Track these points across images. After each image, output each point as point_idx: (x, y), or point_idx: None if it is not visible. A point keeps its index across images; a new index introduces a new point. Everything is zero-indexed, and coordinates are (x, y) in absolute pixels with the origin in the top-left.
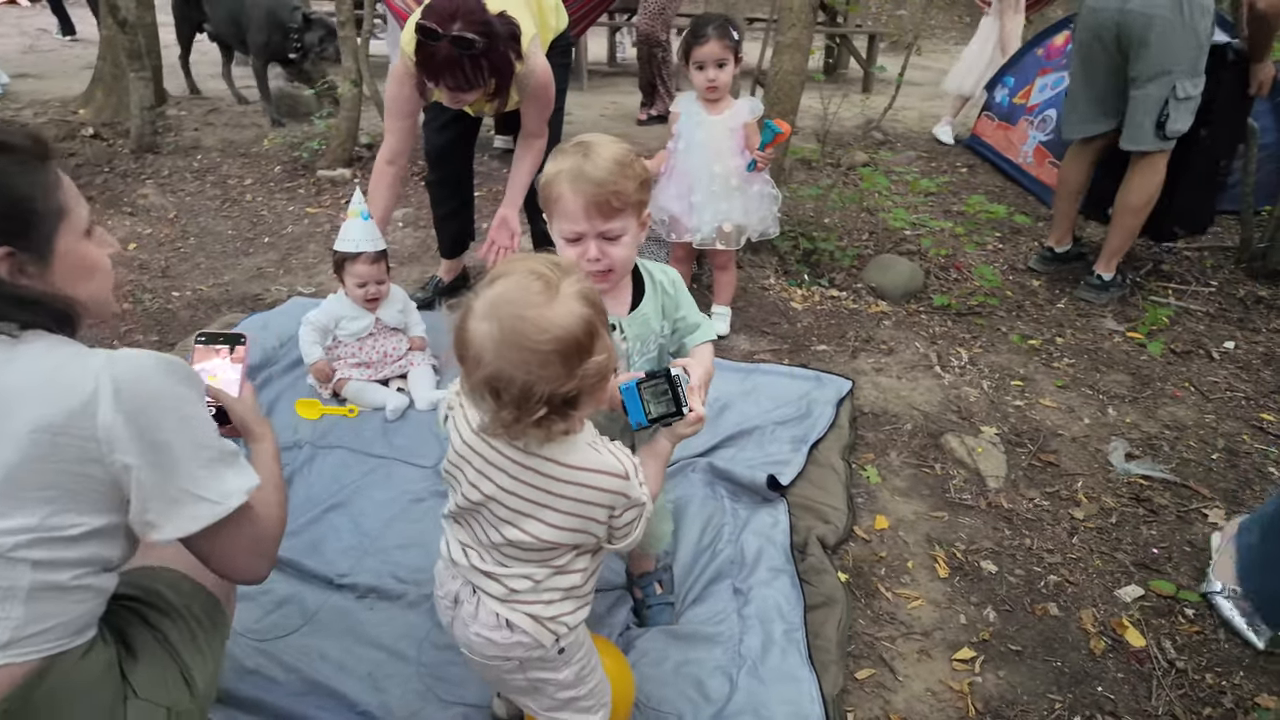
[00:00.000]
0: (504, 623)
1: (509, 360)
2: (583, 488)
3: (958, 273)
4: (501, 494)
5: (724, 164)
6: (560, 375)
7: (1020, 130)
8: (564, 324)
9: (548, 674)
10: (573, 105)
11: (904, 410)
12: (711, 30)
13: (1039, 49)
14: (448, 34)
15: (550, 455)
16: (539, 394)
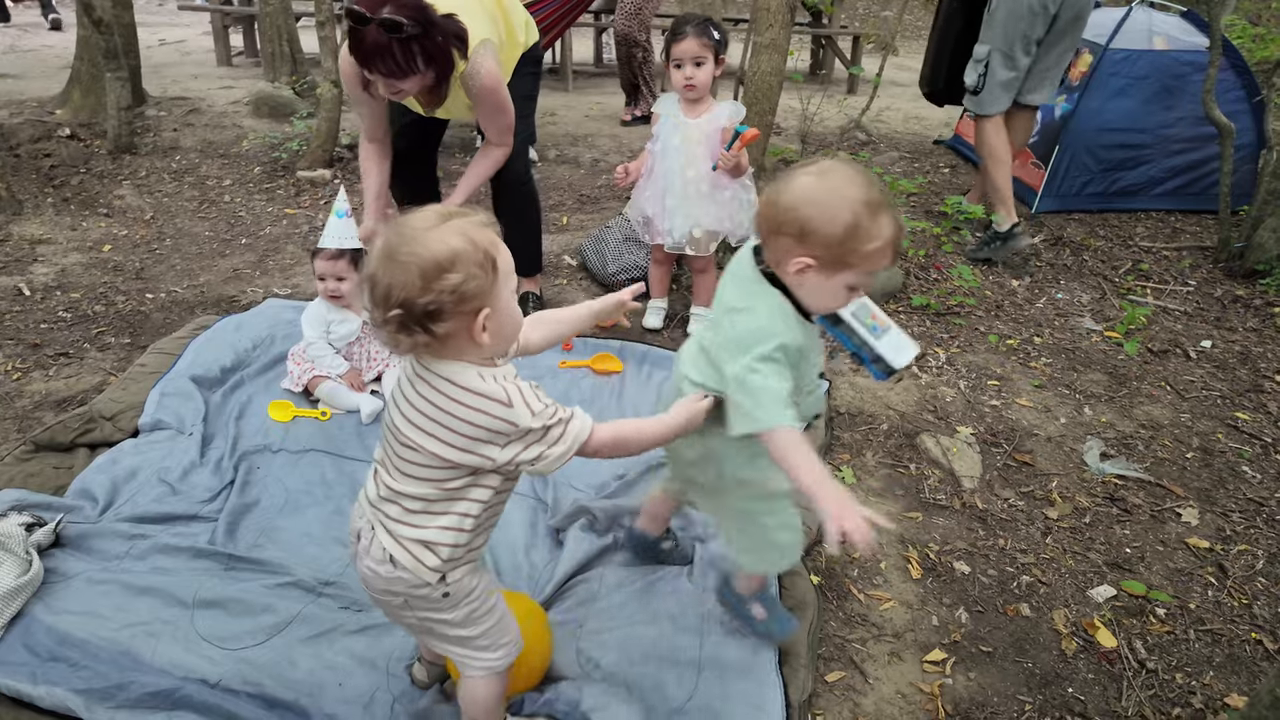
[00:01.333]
0: (388, 558)
1: (382, 266)
2: (468, 409)
3: (937, 273)
4: (405, 404)
5: (696, 168)
6: (415, 285)
7: None
8: (431, 247)
9: (435, 614)
10: (557, 105)
11: (880, 410)
12: (690, 28)
13: None
14: (376, 17)
15: (443, 374)
16: (395, 298)
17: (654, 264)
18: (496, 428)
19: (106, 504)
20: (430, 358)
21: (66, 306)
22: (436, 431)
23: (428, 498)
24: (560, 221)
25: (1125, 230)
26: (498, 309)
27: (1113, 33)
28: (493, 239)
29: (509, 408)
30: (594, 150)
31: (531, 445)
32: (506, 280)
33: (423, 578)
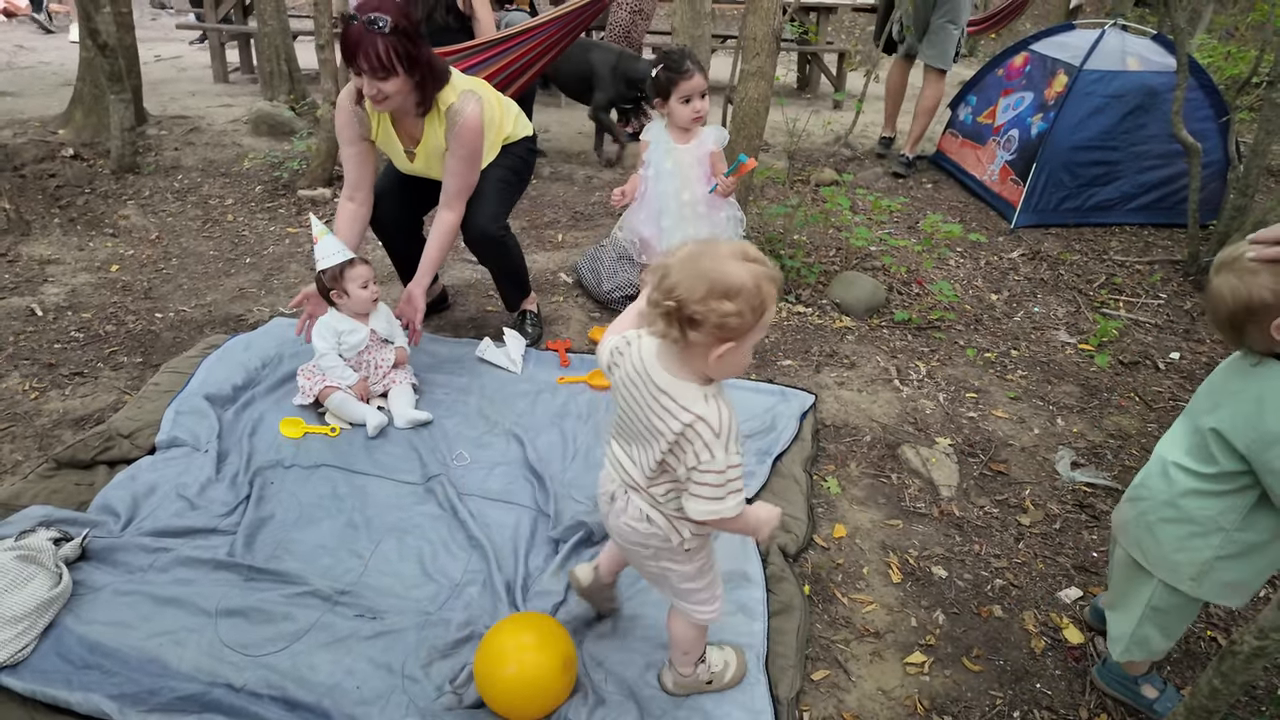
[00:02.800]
0: (645, 517)
1: (681, 265)
2: (676, 420)
3: (919, 288)
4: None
5: (691, 191)
6: (697, 294)
7: (989, 150)
8: (726, 273)
9: (674, 564)
10: (550, 122)
11: (864, 423)
12: (692, 65)
13: (999, 70)
14: (362, 18)
15: (669, 390)
16: (676, 294)
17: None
18: (694, 442)
19: (128, 519)
20: (662, 368)
21: (78, 326)
22: (657, 444)
23: (664, 495)
24: (555, 239)
25: (1100, 244)
26: (741, 349)
27: (1086, 54)
28: (772, 294)
29: (715, 436)
30: (587, 167)
31: (711, 486)
32: (760, 330)
33: (672, 538)
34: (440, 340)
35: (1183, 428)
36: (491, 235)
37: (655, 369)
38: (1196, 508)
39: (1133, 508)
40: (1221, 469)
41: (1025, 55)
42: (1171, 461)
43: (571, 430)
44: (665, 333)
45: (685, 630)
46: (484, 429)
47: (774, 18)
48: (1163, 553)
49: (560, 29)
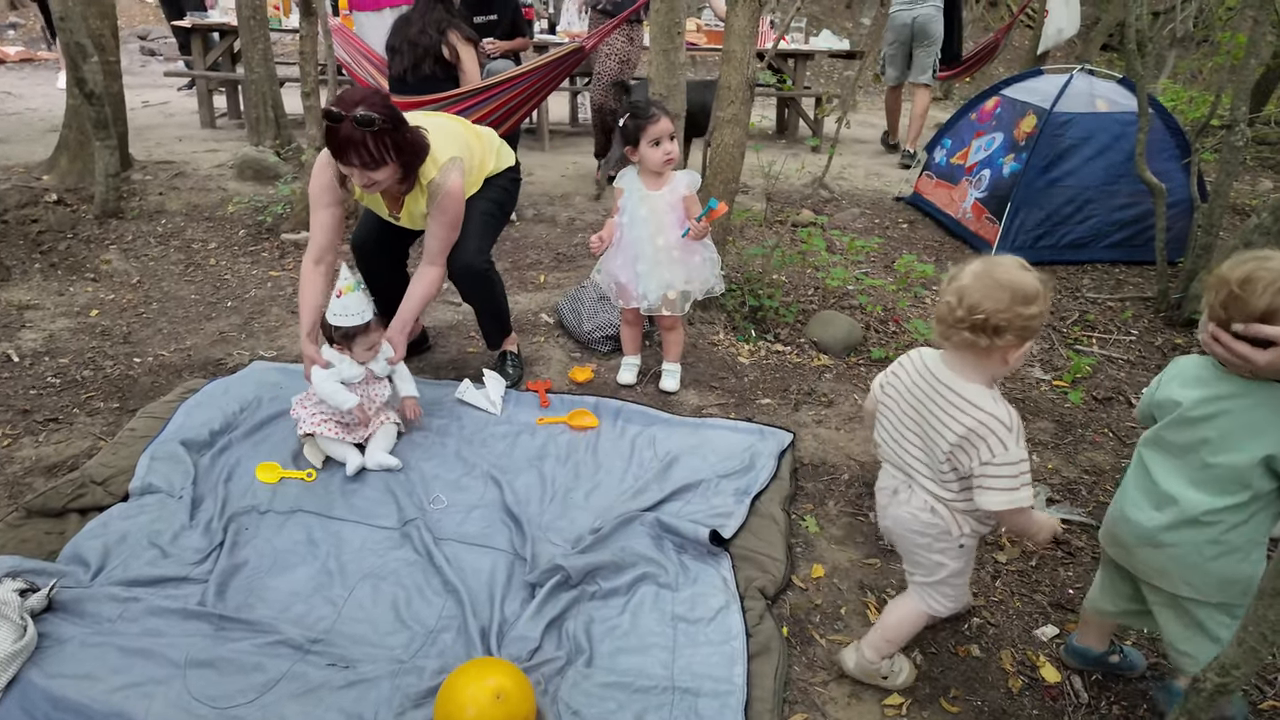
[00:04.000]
0: (930, 509)
1: (977, 284)
2: (976, 421)
3: (895, 326)
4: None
5: (665, 236)
6: (1003, 303)
7: (962, 189)
8: (1025, 283)
9: (943, 558)
10: (534, 165)
11: (841, 460)
12: (658, 110)
13: (972, 114)
14: (350, 115)
15: (962, 392)
16: (982, 308)
17: (625, 324)
18: (986, 436)
19: (99, 568)
20: (953, 373)
21: (55, 372)
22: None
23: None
24: (538, 280)
25: (1073, 282)
26: (1026, 348)
27: (1056, 97)
28: (1047, 297)
29: (1006, 430)
30: (570, 209)
31: (1004, 479)
32: (1036, 335)
33: (951, 530)
34: (419, 382)
35: (1188, 467)
36: (476, 269)
37: (944, 374)
38: (1236, 536)
39: (1164, 554)
40: (1255, 492)
41: (996, 99)
42: (1204, 509)
43: (550, 472)
44: (974, 342)
45: (910, 619)
46: (462, 471)
47: (747, 67)
48: (1217, 582)
49: (542, 77)
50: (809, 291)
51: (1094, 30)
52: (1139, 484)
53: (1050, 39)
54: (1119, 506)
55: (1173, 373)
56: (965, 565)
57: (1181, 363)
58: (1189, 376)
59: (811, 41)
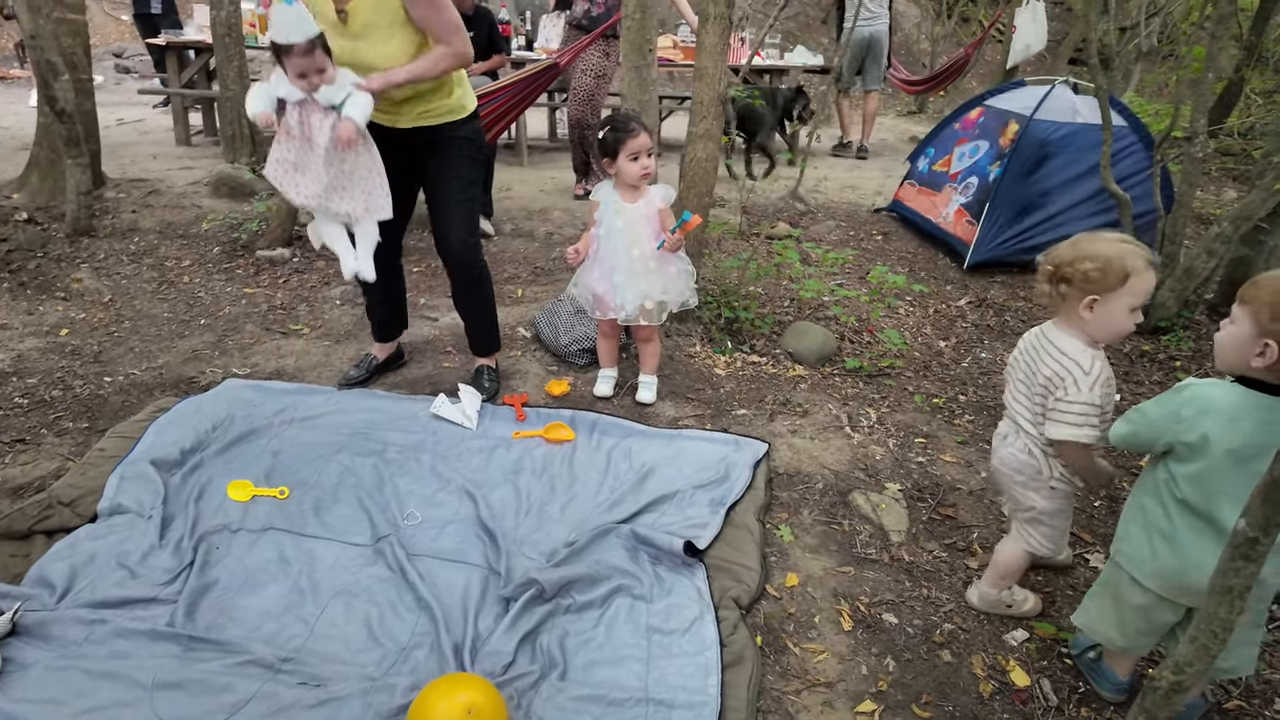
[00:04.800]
0: (1028, 451)
1: (1063, 247)
2: (1057, 363)
3: (869, 336)
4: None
5: (641, 248)
6: (1065, 257)
7: (945, 195)
8: (1094, 245)
9: (1039, 497)
10: (513, 180)
11: (816, 470)
12: (637, 124)
13: (956, 123)
14: None
15: (1055, 342)
16: (1053, 259)
17: (602, 337)
18: (1063, 376)
19: (64, 590)
20: (1056, 328)
21: (23, 393)
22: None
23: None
24: (515, 294)
25: None
26: (1109, 306)
27: (1036, 106)
28: (1137, 266)
29: (1083, 371)
30: (548, 223)
31: (1071, 413)
32: (1127, 294)
33: (1043, 471)
34: (394, 397)
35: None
36: (470, 246)
37: (1050, 330)
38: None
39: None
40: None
41: (980, 109)
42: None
43: (525, 486)
44: (1049, 294)
45: (1014, 557)
46: (436, 487)
47: (719, 83)
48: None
49: (517, 93)
50: (784, 303)
51: (1061, 45)
52: (1199, 530)
53: (1019, 54)
54: (1179, 560)
55: (1199, 407)
56: (1057, 510)
57: (1205, 395)
58: (1226, 413)
59: (786, 57)
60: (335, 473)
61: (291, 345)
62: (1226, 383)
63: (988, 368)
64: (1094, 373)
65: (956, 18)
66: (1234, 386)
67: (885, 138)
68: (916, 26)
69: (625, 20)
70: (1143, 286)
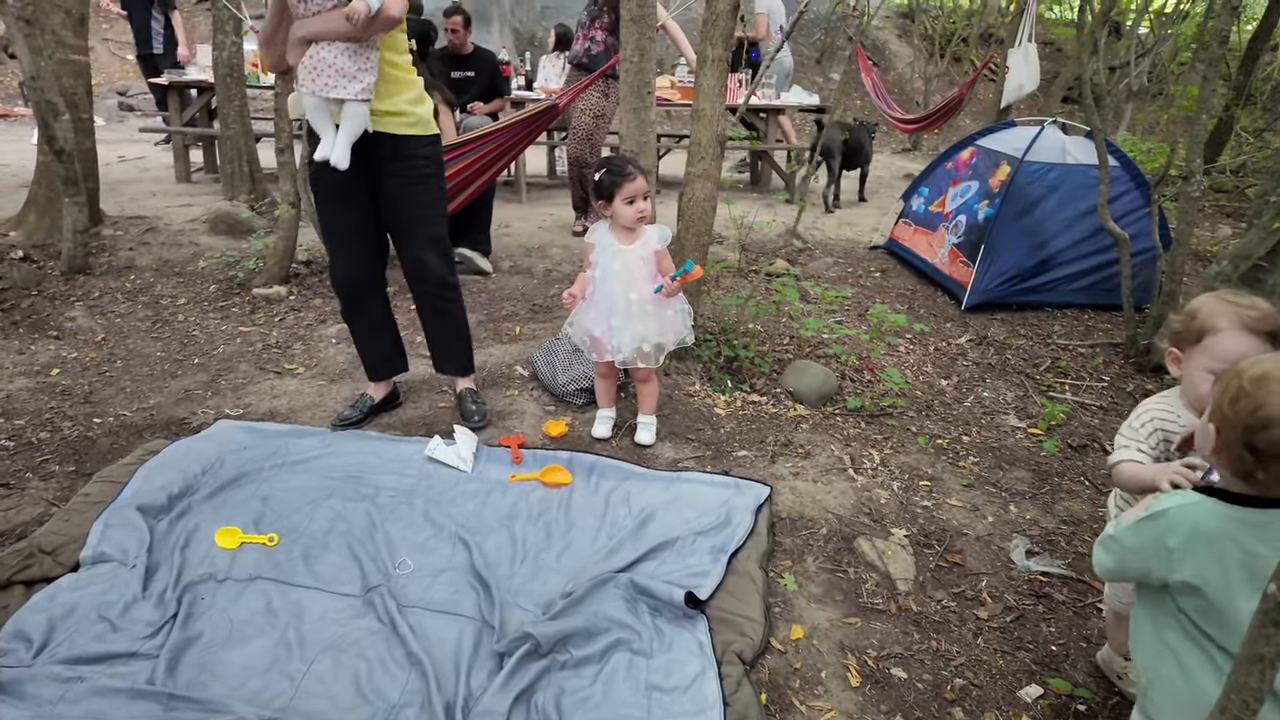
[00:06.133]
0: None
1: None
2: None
3: (870, 375)
4: None
5: (639, 290)
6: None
7: (939, 235)
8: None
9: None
10: (511, 217)
11: (819, 514)
12: (634, 168)
13: (948, 163)
14: None
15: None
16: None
17: (599, 377)
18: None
19: (42, 645)
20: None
21: (10, 434)
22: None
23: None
24: (513, 331)
25: (1044, 328)
26: (1187, 366)
27: (1027, 147)
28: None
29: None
30: (547, 260)
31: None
32: (1203, 355)
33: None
34: (388, 439)
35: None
36: (448, 268)
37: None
38: None
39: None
40: None
41: (972, 149)
42: None
43: (521, 532)
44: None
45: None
46: (429, 533)
47: (717, 125)
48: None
49: (516, 134)
50: (784, 341)
51: (1053, 84)
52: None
53: (1011, 94)
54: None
55: (1181, 536)
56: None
57: (1188, 520)
58: (1204, 539)
59: (782, 96)
60: (326, 519)
61: (285, 385)
62: (1209, 503)
63: (990, 407)
64: (1142, 409)
65: (949, 58)
66: (1219, 505)
67: (881, 175)
68: (910, 66)
69: (624, 63)
70: (1223, 349)
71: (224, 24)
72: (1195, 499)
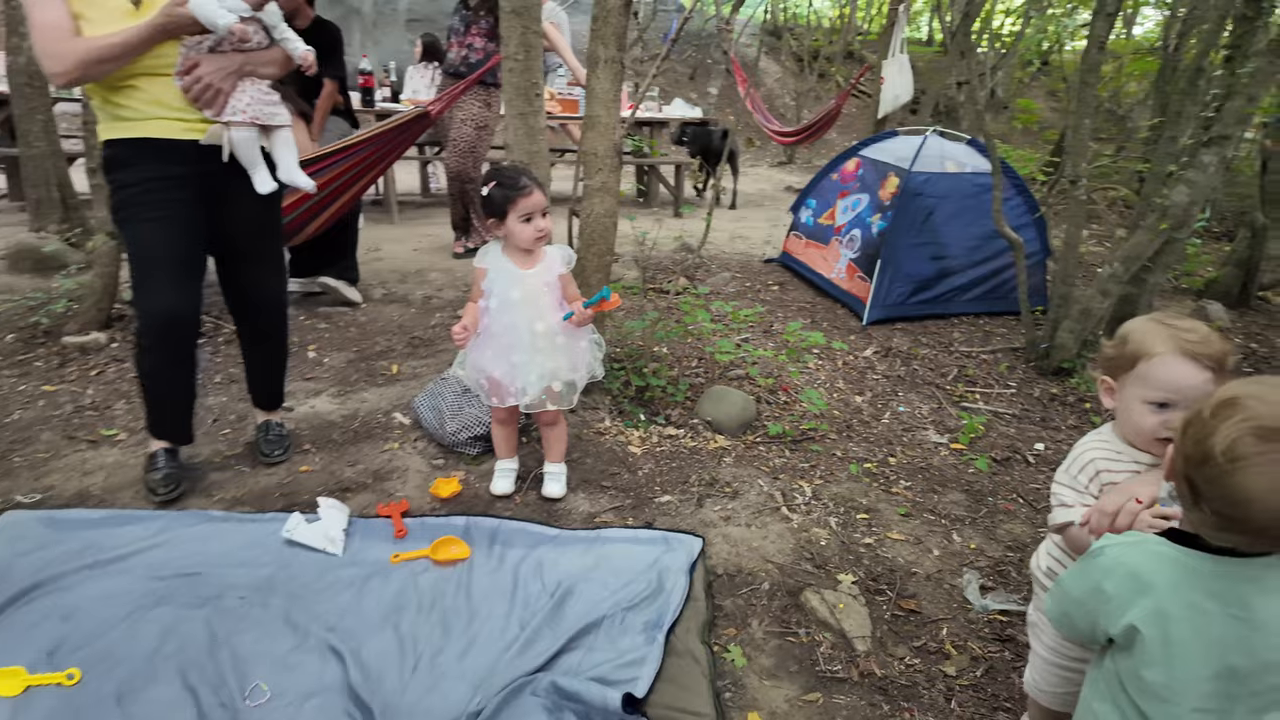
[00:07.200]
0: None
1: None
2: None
3: (785, 395)
4: None
5: (545, 320)
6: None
7: (833, 249)
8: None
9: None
10: (382, 239)
11: (759, 565)
12: (528, 180)
13: (834, 174)
14: None
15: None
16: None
17: (497, 424)
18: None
19: None
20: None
21: None
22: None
23: None
24: (390, 370)
25: (945, 336)
26: (1121, 396)
27: (913, 158)
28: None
29: (1065, 463)
30: (426, 286)
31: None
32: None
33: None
34: (236, 519)
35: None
36: (284, 300)
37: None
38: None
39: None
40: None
41: (857, 160)
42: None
43: (411, 629)
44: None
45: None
46: (292, 643)
47: (613, 133)
48: None
49: (384, 145)
50: (693, 364)
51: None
52: None
53: (889, 103)
54: None
55: (1117, 580)
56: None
57: (1122, 560)
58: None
59: (665, 110)
60: (151, 637)
61: (102, 457)
62: (1153, 543)
63: (909, 423)
64: (1074, 454)
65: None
66: (1165, 547)
67: (763, 188)
68: (779, 82)
69: (507, 62)
70: (1161, 377)
71: (19, 25)
72: (1138, 538)
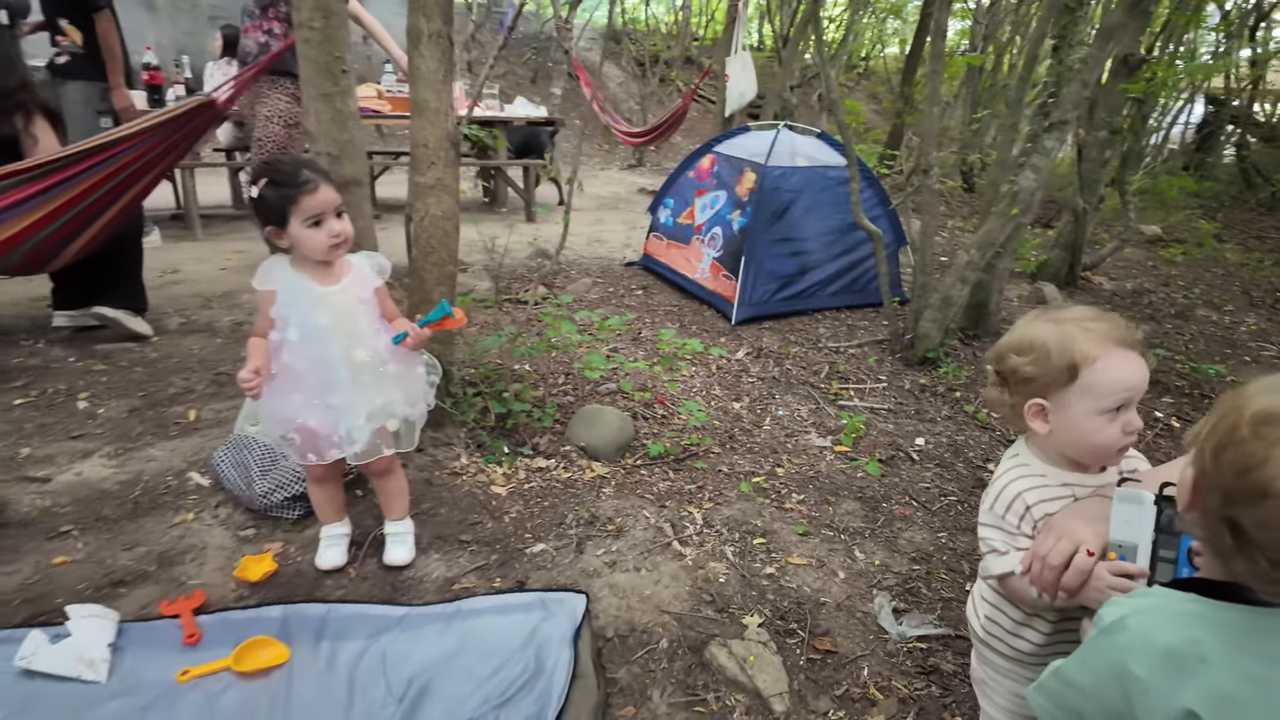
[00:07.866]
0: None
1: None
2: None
3: (662, 407)
4: None
5: (368, 346)
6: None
7: (695, 249)
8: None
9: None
10: (182, 259)
11: (654, 619)
12: (310, 173)
13: (690, 172)
14: None
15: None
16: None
17: (314, 483)
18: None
19: None
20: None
21: None
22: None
23: None
24: (185, 418)
25: (811, 333)
26: (1062, 413)
27: (768, 152)
28: (1080, 346)
29: (988, 500)
30: (236, 311)
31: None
32: (1081, 394)
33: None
34: None
35: None
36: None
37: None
38: None
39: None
40: None
41: (712, 157)
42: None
43: None
44: (997, 398)
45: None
46: None
47: (445, 120)
48: None
49: (160, 142)
50: (560, 381)
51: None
52: None
53: (734, 101)
54: None
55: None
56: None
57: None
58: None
59: (507, 109)
60: None
61: None
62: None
63: (790, 427)
64: (996, 489)
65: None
66: (1195, 604)
67: (616, 190)
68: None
69: (302, 30)
70: (1113, 378)
71: None
72: (1158, 599)
